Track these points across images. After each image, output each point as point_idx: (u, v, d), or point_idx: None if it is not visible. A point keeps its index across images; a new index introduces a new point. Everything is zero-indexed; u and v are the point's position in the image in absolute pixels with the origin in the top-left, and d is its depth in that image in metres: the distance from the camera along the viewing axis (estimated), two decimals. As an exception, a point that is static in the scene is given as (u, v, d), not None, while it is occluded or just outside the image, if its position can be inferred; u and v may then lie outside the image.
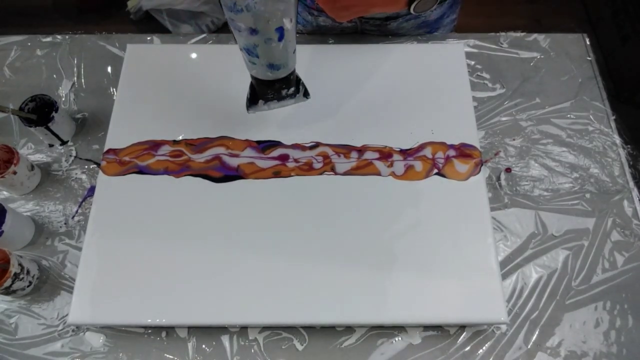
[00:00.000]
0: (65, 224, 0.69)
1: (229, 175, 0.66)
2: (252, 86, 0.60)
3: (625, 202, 0.70)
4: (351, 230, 0.62)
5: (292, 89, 0.60)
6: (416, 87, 0.73)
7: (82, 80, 0.81)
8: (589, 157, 0.73)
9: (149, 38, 0.84)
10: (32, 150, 0.75)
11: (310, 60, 0.75)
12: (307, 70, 0.74)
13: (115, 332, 0.62)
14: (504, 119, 0.76)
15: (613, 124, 0.75)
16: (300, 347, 0.61)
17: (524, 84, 0.79)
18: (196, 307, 0.59)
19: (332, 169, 0.67)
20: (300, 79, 0.61)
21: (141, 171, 0.67)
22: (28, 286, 0.63)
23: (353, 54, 0.76)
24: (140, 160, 0.68)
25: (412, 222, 0.63)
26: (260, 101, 0.60)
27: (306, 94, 0.62)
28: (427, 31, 0.82)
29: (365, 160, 0.67)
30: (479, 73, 0.80)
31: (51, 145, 0.75)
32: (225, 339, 0.62)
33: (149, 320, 0.58)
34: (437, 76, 0.74)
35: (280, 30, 0.48)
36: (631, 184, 0.71)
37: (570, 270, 0.65)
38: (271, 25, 0.47)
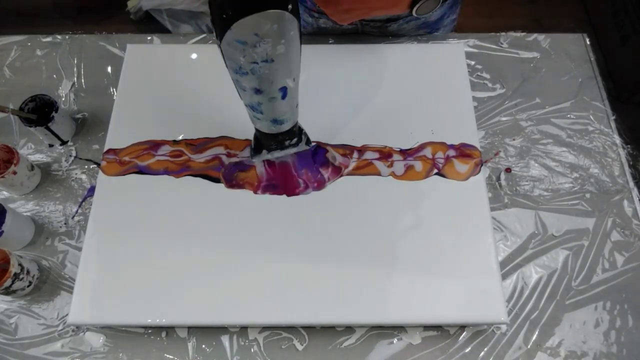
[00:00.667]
0: (65, 224, 0.69)
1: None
2: (256, 137, 0.62)
3: (625, 202, 0.70)
4: (351, 230, 0.62)
5: (295, 139, 0.61)
6: (416, 87, 0.73)
7: (82, 80, 0.81)
8: (589, 157, 0.73)
9: (149, 38, 0.84)
10: (32, 150, 0.75)
11: (310, 60, 0.75)
12: (307, 70, 0.74)
13: (115, 332, 0.62)
14: (504, 119, 0.76)
15: (613, 124, 0.75)
16: (300, 347, 0.61)
17: (524, 84, 0.79)
18: (196, 307, 0.59)
19: (332, 169, 0.67)
20: (302, 129, 0.62)
21: (141, 171, 0.67)
22: (28, 286, 0.63)
23: (353, 54, 0.76)
24: (140, 160, 0.68)
25: (412, 222, 0.63)
26: (264, 151, 0.62)
27: (308, 142, 0.63)
28: (427, 32, 0.82)
29: (365, 160, 0.67)
30: (479, 73, 0.80)
31: (51, 145, 0.75)
32: (225, 339, 0.62)
33: (149, 320, 0.58)
34: (437, 76, 0.74)
35: (284, 90, 0.48)
36: (631, 184, 0.71)
37: (570, 270, 0.65)
38: (275, 85, 0.47)
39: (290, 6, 0.40)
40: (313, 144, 0.65)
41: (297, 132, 0.60)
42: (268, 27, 0.40)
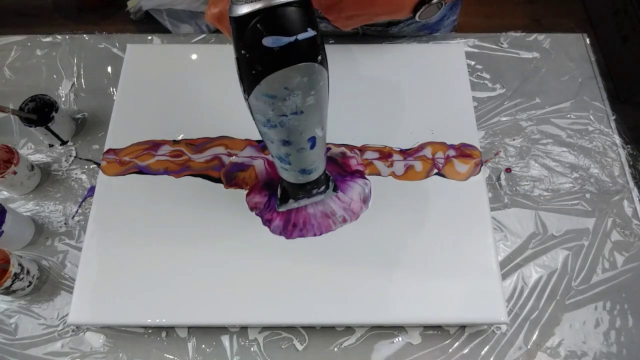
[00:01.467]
0: (65, 224, 0.69)
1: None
2: (282, 187, 0.61)
3: (625, 202, 0.70)
4: (351, 230, 0.62)
5: (323, 187, 0.59)
6: (416, 87, 0.73)
7: (82, 80, 0.81)
8: (589, 157, 0.73)
9: (149, 38, 0.84)
10: (32, 150, 0.75)
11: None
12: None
13: (115, 332, 0.62)
14: (504, 119, 0.76)
15: (613, 124, 0.75)
16: (300, 347, 0.61)
17: (524, 84, 0.79)
18: (196, 307, 0.59)
19: (332, 169, 0.67)
20: (329, 176, 0.61)
21: (141, 171, 0.67)
22: (28, 286, 0.63)
23: (353, 54, 0.76)
24: (140, 160, 0.68)
25: (411, 222, 0.63)
26: (291, 200, 0.61)
27: (335, 189, 0.62)
28: (427, 33, 0.82)
29: (365, 160, 0.67)
30: (479, 73, 0.80)
31: (51, 145, 0.75)
32: (225, 339, 0.62)
33: (149, 320, 0.58)
34: (437, 76, 0.74)
35: (313, 140, 0.48)
36: (631, 184, 0.71)
37: (570, 270, 0.65)
38: (304, 136, 0.46)
39: (319, 57, 0.39)
40: (339, 191, 0.63)
41: (323, 180, 0.58)
42: (298, 80, 0.39)
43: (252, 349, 0.61)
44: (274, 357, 0.61)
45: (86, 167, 0.73)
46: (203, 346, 0.61)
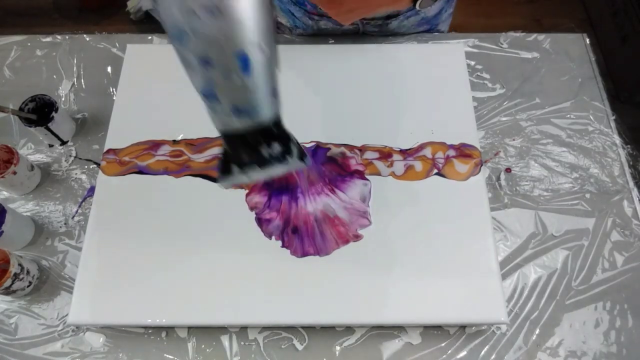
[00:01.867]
0: (65, 224, 0.69)
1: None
2: (223, 152, 0.45)
3: (625, 202, 0.70)
4: (351, 230, 0.63)
5: (278, 148, 0.43)
6: (416, 87, 0.73)
7: (82, 80, 0.81)
8: (588, 157, 0.73)
9: (149, 38, 0.84)
10: (32, 150, 0.75)
11: (310, 60, 0.75)
12: (308, 70, 0.74)
13: (115, 332, 0.62)
14: (504, 119, 0.76)
15: (613, 124, 0.75)
16: (300, 347, 0.61)
17: (524, 84, 0.79)
18: (196, 307, 0.59)
19: (332, 169, 0.67)
20: (290, 137, 0.44)
21: (141, 171, 0.67)
22: (28, 286, 0.63)
23: (353, 54, 0.76)
24: (140, 160, 0.68)
25: (412, 222, 0.63)
26: (235, 168, 0.44)
27: (303, 158, 0.45)
28: (427, 28, 0.82)
29: (365, 160, 0.67)
30: (479, 73, 0.80)
31: (51, 145, 0.75)
32: (225, 339, 0.62)
33: (149, 320, 0.58)
34: (437, 76, 0.73)
35: (245, 60, 0.37)
36: (631, 184, 0.71)
37: (570, 270, 0.65)
38: (228, 52, 0.36)
39: None
40: (309, 161, 0.47)
41: (280, 137, 0.43)
42: None
43: (252, 349, 0.61)
44: (274, 357, 0.61)
45: (86, 167, 0.73)
46: (203, 346, 0.61)
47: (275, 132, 0.42)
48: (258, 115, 0.40)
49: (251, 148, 0.42)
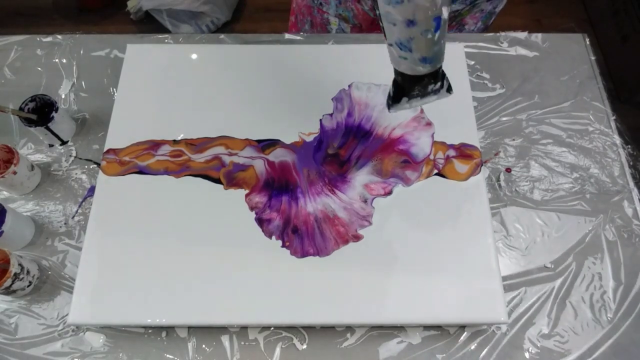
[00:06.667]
0: (65, 224, 0.69)
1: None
2: (396, 83, 0.56)
3: (625, 203, 0.70)
4: (351, 230, 0.63)
5: (439, 83, 0.54)
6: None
7: (82, 80, 0.81)
8: (589, 157, 0.73)
9: (149, 37, 0.84)
10: (32, 150, 0.75)
11: (310, 60, 0.75)
12: (307, 70, 0.74)
13: (115, 332, 0.62)
14: (504, 119, 0.76)
15: (613, 124, 0.75)
16: (300, 347, 0.61)
17: (524, 84, 0.79)
18: (196, 307, 0.59)
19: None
20: (444, 73, 0.56)
21: (141, 171, 0.67)
22: (28, 286, 0.63)
23: (353, 54, 0.76)
24: (140, 160, 0.68)
25: (411, 222, 0.63)
26: (404, 99, 0.55)
27: (449, 89, 0.56)
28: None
29: (365, 160, 0.67)
30: (479, 73, 0.80)
31: (51, 145, 0.75)
32: (225, 339, 0.62)
33: (149, 320, 0.58)
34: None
35: (438, 21, 0.45)
36: (631, 184, 0.71)
37: (570, 271, 0.65)
38: (430, 15, 0.44)
39: None
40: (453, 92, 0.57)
41: (441, 75, 0.54)
42: None
43: (252, 349, 0.61)
44: (274, 357, 0.61)
45: (86, 167, 0.73)
46: (203, 346, 0.61)
47: (440, 72, 0.53)
48: (437, 63, 0.51)
49: (423, 85, 0.54)
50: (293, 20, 0.98)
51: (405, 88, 0.55)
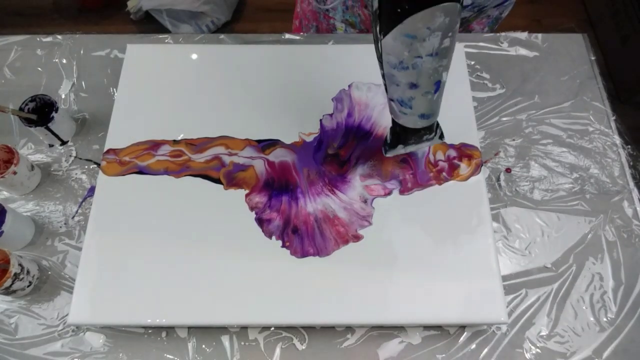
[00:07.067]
0: (65, 224, 0.69)
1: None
2: (394, 132, 0.59)
3: (625, 203, 0.70)
4: (351, 231, 0.62)
5: (433, 133, 0.58)
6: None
7: (82, 80, 0.81)
8: (589, 157, 0.73)
9: (150, 37, 0.84)
10: (32, 150, 0.75)
11: (310, 60, 0.75)
12: (307, 70, 0.74)
13: (115, 332, 0.62)
14: (504, 119, 0.76)
15: (613, 124, 0.75)
16: (300, 347, 0.61)
17: (524, 84, 0.79)
18: (196, 307, 0.59)
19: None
20: (438, 123, 0.59)
21: (141, 171, 0.67)
22: (28, 286, 0.63)
23: (353, 54, 0.76)
24: (140, 160, 0.68)
25: (412, 222, 0.63)
26: (400, 145, 0.59)
27: (442, 137, 0.60)
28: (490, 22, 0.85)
29: (365, 161, 0.67)
30: (479, 73, 0.80)
31: (51, 145, 0.75)
32: (225, 339, 0.62)
33: (149, 320, 0.58)
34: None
35: (438, 84, 0.48)
36: (631, 184, 0.71)
37: (570, 271, 0.65)
38: (432, 79, 0.47)
39: None
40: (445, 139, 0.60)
41: (435, 125, 0.58)
42: (441, 20, 0.39)
43: (252, 349, 0.61)
44: (274, 357, 0.61)
45: (86, 167, 0.73)
46: (203, 346, 0.61)
47: (435, 123, 0.56)
48: (434, 118, 0.54)
49: (419, 135, 0.57)
50: (297, 25, 0.98)
51: (403, 138, 0.58)
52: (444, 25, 0.40)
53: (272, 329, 0.62)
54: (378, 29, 0.42)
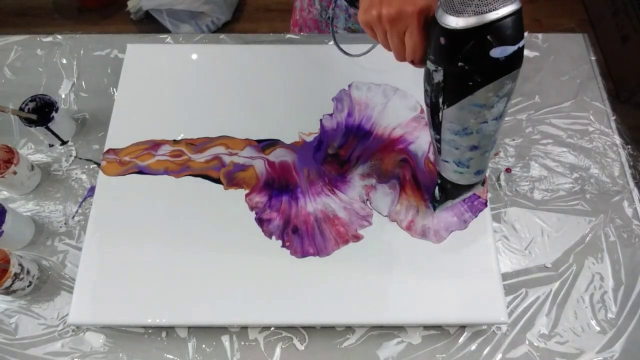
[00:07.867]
0: (65, 224, 0.69)
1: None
2: (443, 189, 0.58)
3: (625, 203, 0.70)
4: (351, 230, 0.62)
5: (476, 189, 0.58)
6: (416, 87, 0.73)
7: (82, 80, 0.81)
8: (589, 157, 0.73)
9: (150, 37, 0.84)
10: (32, 150, 0.75)
11: (310, 60, 0.75)
12: (307, 70, 0.74)
13: (115, 332, 0.62)
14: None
15: (613, 124, 0.75)
16: (300, 347, 0.61)
17: (524, 83, 0.79)
18: (196, 307, 0.59)
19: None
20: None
21: (141, 171, 0.67)
22: (28, 286, 0.63)
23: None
24: (140, 160, 0.68)
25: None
26: (449, 201, 0.59)
27: (483, 184, 0.59)
28: None
29: (365, 161, 0.67)
30: (479, 73, 0.80)
31: (51, 145, 0.75)
32: (225, 339, 0.62)
33: (149, 320, 0.58)
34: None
35: (495, 141, 0.48)
36: (631, 184, 0.71)
37: (570, 271, 0.65)
38: (492, 140, 0.47)
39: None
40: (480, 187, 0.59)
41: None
42: (509, 86, 0.40)
43: (252, 349, 0.61)
44: (274, 357, 0.61)
45: (86, 167, 0.73)
46: (203, 346, 0.61)
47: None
48: (486, 171, 0.55)
49: (466, 190, 0.57)
50: (297, 32, 0.98)
51: (454, 193, 0.58)
52: (510, 90, 0.41)
53: (272, 329, 0.62)
54: (441, 100, 0.42)
